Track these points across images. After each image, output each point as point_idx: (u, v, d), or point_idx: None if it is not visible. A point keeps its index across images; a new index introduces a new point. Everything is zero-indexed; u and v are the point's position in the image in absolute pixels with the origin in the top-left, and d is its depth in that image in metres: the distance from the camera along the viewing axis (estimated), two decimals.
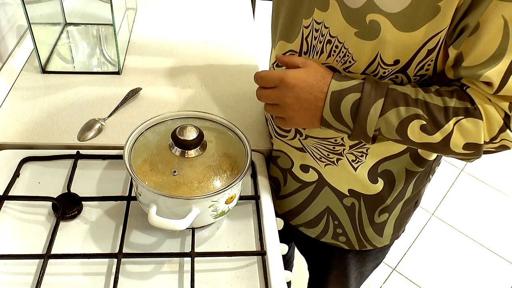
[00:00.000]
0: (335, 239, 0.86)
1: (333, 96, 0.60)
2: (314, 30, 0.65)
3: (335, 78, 0.61)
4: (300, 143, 0.77)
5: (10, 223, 0.70)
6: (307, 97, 0.62)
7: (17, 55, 1.01)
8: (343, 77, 0.62)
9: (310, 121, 0.65)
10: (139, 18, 1.24)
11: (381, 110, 0.60)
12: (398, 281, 1.79)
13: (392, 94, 0.60)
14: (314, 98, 0.62)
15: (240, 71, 1.07)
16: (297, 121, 0.65)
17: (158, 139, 0.70)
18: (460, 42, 0.57)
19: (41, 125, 0.86)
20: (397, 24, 0.56)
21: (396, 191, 0.77)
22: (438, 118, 0.59)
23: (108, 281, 0.64)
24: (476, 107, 0.59)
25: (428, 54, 0.59)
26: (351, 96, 0.60)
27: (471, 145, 0.60)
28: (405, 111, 0.59)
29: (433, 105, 0.59)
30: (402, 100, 0.59)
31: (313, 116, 0.64)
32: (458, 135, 0.59)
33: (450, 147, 0.60)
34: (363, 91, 0.59)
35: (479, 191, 2.20)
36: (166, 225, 0.62)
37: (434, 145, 0.61)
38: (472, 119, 0.58)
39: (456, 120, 0.59)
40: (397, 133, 0.61)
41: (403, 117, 0.59)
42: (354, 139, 0.65)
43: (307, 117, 0.64)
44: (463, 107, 0.59)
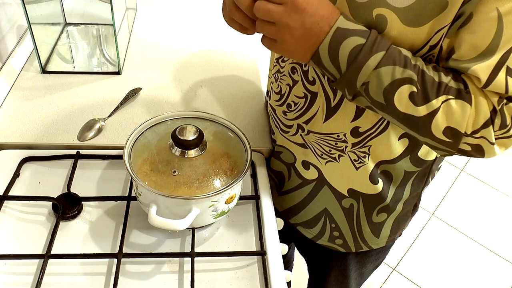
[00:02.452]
0: (332, 242, 0.86)
1: (337, 32, 0.56)
2: None
3: (343, 16, 0.56)
4: (302, 138, 0.77)
5: (10, 223, 0.70)
6: (312, 26, 0.56)
7: (17, 55, 1.01)
8: (350, 19, 0.57)
9: (303, 52, 0.59)
10: (139, 18, 1.24)
11: (378, 63, 0.56)
12: (398, 281, 1.79)
13: (394, 51, 0.57)
14: (319, 29, 0.56)
15: (240, 71, 1.07)
16: (289, 47, 0.59)
17: (158, 139, 0.70)
18: (452, 30, 0.56)
19: (41, 125, 0.86)
20: (404, 19, 0.56)
21: (394, 190, 0.77)
22: (429, 90, 0.57)
23: (108, 281, 0.64)
24: (468, 91, 0.57)
25: (430, 50, 0.59)
26: (354, 39, 0.56)
27: (451, 131, 0.58)
28: (401, 72, 0.56)
29: (428, 76, 0.57)
30: (401, 61, 0.56)
31: (309, 48, 0.58)
32: (442, 115, 0.57)
33: (431, 127, 0.58)
34: (368, 38, 0.56)
35: (479, 191, 2.20)
36: (166, 225, 0.62)
37: (415, 119, 0.58)
38: (461, 102, 0.56)
39: (445, 98, 0.57)
40: (384, 94, 0.58)
41: (397, 77, 0.56)
42: (337, 86, 0.60)
43: (302, 48, 0.58)
44: (456, 88, 0.57)
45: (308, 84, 0.70)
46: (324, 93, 0.69)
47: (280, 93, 0.76)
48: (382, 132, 0.69)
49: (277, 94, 0.77)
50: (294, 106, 0.74)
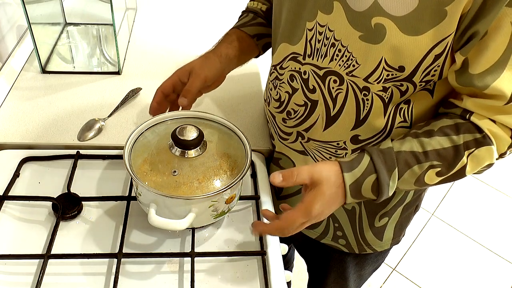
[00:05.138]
0: (335, 241, 0.86)
1: (352, 188, 0.60)
2: (318, 33, 0.64)
3: (345, 171, 0.60)
4: (302, 146, 0.76)
5: (10, 223, 0.70)
6: (331, 207, 0.62)
7: (17, 55, 1.01)
8: (349, 163, 0.61)
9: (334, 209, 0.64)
10: (139, 18, 1.24)
11: (398, 178, 0.61)
12: (398, 281, 1.79)
13: (402, 158, 0.61)
14: (336, 198, 0.61)
15: (240, 71, 1.06)
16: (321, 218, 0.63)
17: (158, 139, 0.70)
18: (468, 48, 0.56)
19: (41, 125, 0.86)
20: (403, 27, 0.56)
21: (397, 196, 0.77)
22: (451, 160, 0.60)
23: (108, 281, 0.64)
24: (484, 135, 0.60)
25: (435, 60, 0.58)
26: (368, 180, 0.60)
27: (484, 167, 0.62)
28: (419, 168, 0.61)
29: (443, 150, 0.60)
30: (413, 160, 0.61)
31: (337, 206, 0.63)
32: (472, 165, 0.61)
33: (464, 175, 0.63)
34: (376, 170, 0.60)
35: (479, 191, 2.20)
36: (166, 225, 0.62)
37: (447, 179, 0.63)
38: (484, 148, 0.60)
39: (468, 153, 0.60)
40: (415, 184, 0.63)
41: (418, 174, 0.61)
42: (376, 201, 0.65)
43: (331, 210, 0.63)
44: (472, 139, 0.60)
45: (308, 92, 0.70)
46: (324, 101, 0.69)
47: (280, 100, 0.76)
48: (383, 141, 0.69)
49: (277, 101, 0.77)
50: (294, 113, 0.74)
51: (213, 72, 0.75)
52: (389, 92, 0.63)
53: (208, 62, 0.76)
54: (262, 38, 0.82)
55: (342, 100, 0.67)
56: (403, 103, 0.65)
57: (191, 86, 0.73)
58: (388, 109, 0.65)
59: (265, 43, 0.83)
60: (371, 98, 0.64)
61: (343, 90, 0.66)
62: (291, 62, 0.70)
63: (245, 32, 0.81)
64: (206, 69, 0.75)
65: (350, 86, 0.65)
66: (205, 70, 0.74)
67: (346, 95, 0.66)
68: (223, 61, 0.77)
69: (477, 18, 0.53)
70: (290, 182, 0.59)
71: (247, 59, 0.84)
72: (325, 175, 0.59)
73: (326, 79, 0.67)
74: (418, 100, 0.65)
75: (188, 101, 0.73)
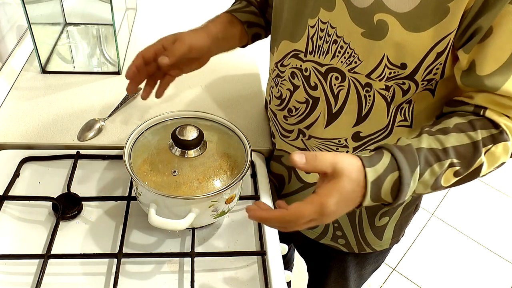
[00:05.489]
0: (334, 241, 0.86)
1: (373, 186, 0.53)
2: (320, 29, 0.64)
3: (366, 165, 0.53)
4: (303, 143, 0.76)
5: (10, 223, 0.70)
6: (347, 206, 0.54)
7: (17, 55, 1.01)
8: (369, 158, 0.54)
9: (346, 211, 0.57)
10: (139, 18, 1.24)
11: (419, 178, 0.55)
12: (398, 281, 1.79)
13: (423, 155, 0.55)
14: (354, 198, 0.54)
15: (240, 71, 1.07)
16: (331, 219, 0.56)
17: (158, 139, 0.70)
18: (471, 45, 0.56)
19: (41, 125, 0.86)
20: (406, 24, 0.56)
21: None
22: (470, 158, 0.57)
23: (108, 281, 0.64)
24: (502, 130, 0.57)
25: (437, 57, 0.58)
26: (389, 178, 0.54)
27: (497, 166, 0.60)
28: (439, 167, 0.56)
29: (462, 147, 0.56)
30: (433, 157, 0.55)
31: (351, 207, 0.55)
32: (488, 163, 0.58)
33: (479, 175, 0.59)
34: (399, 168, 0.53)
35: (479, 191, 2.20)
36: (166, 225, 0.62)
37: (463, 179, 0.59)
38: (501, 144, 0.57)
39: (485, 150, 0.57)
40: (431, 188, 0.58)
41: (438, 173, 0.56)
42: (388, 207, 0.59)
43: (344, 211, 0.55)
44: (489, 135, 0.57)
45: (310, 89, 0.70)
46: (326, 98, 0.69)
47: (281, 98, 0.76)
48: (385, 139, 0.69)
49: (278, 98, 0.77)
50: (295, 111, 0.74)
51: (200, 42, 0.73)
52: (391, 91, 0.63)
53: (196, 33, 0.74)
54: (253, 26, 0.81)
55: (344, 97, 0.67)
56: (404, 102, 0.65)
57: (175, 49, 0.70)
58: (390, 107, 0.65)
59: (254, 33, 0.82)
60: (373, 95, 0.64)
61: (345, 87, 0.66)
62: (292, 60, 0.70)
63: (236, 17, 0.80)
64: (193, 38, 0.73)
65: (352, 83, 0.65)
66: (191, 39, 0.72)
67: (348, 92, 0.66)
68: (211, 38, 0.75)
69: (480, 14, 0.53)
70: (311, 166, 0.51)
71: (234, 45, 0.82)
72: (348, 168, 0.52)
73: (328, 76, 0.67)
74: (419, 100, 0.65)
75: (170, 60, 0.69)
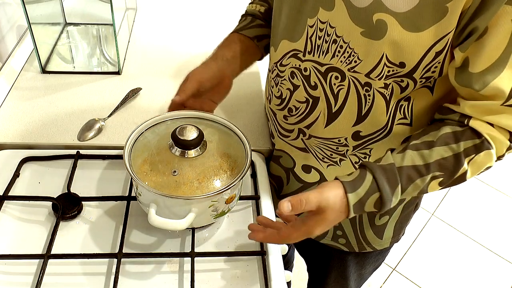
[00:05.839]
0: (335, 241, 0.86)
1: (355, 207, 0.60)
2: (319, 29, 0.64)
3: (348, 191, 0.60)
4: (303, 143, 0.77)
5: (10, 223, 0.70)
6: (334, 223, 0.62)
7: (17, 55, 1.01)
8: (352, 183, 0.60)
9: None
10: (139, 18, 1.24)
11: (401, 193, 0.61)
12: (398, 281, 1.79)
13: (405, 173, 0.60)
14: (338, 220, 0.62)
15: None
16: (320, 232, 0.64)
17: (158, 139, 0.70)
18: (467, 44, 0.56)
19: (41, 125, 0.86)
20: (405, 24, 0.56)
21: None
22: (452, 169, 0.61)
23: (108, 281, 0.64)
24: (483, 139, 0.60)
25: (435, 57, 0.58)
26: (371, 198, 0.60)
27: (483, 170, 0.63)
28: (421, 181, 0.61)
29: (444, 161, 0.60)
30: (415, 174, 0.60)
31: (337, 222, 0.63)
32: (472, 170, 0.61)
33: (466, 180, 0.63)
34: (380, 189, 0.59)
35: (479, 191, 2.20)
36: (166, 225, 0.62)
37: (449, 185, 0.63)
38: (484, 152, 0.60)
39: (468, 160, 0.60)
40: (417, 195, 0.64)
41: (421, 187, 0.61)
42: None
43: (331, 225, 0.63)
44: (472, 145, 0.60)
45: (310, 89, 0.70)
46: (325, 98, 0.69)
47: (281, 97, 0.76)
48: (384, 138, 0.69)
49: (278, 98, 0.77)
50: (295, 110, 0.74)
51: (208, 73, 0.76)
52: (390, 89, 0.63)
53: (205, 65, 0.77)
54: (263, 39, 0.82)
55: (344, 96, 0.67)
56: (403, 100, 0.65)
57: (186, 87, 0.74)
58: (390, 106, 0.65)
59: (266, 44, 0.83)
60: (372, 94, 0.65)
61: (344, 86, 0.66)
62: (291, 59, 0.71)
63: (244, 35, 0.81)
64: (202, 72, 0.76)
65: (352, 82, 0.65)
66: (200, 73, 0.75)
67: (347, 91, 0.66)
68: (220, 62, 0.77)
69: (477, 14, 0.53)
70: (299, 210, 0.59)
71: (249, 61, 0.83)
72: (332, 203, 0.59)
73: (327, 75, 0.67)
74: (418, 98, 0.65)
75: (181, 98, 0.73)
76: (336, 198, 0.59)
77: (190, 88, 0.74)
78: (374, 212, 0.62)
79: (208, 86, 0.76)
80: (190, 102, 0.76)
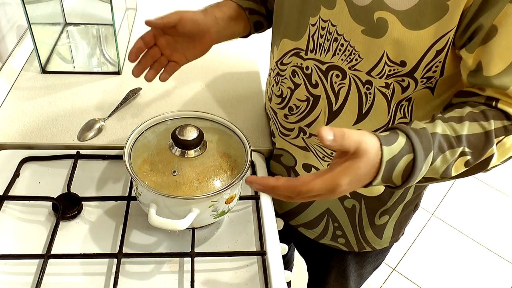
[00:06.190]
0: (334, 240, 0.86)
1: (387, 166, 0.52)
2: (321, 28, 0.65)
3: (384, 143, 0.51)
4: (304, 141, 0.77)
5: (10, 223, 0.70)
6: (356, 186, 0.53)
7: (17, 55, 1.01)
8: (386, 137, 0.53)
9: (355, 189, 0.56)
10: (139, 18, 1.24)
11: (431, 163, 0.54)
12: (398, 281, 1.79)
13: (437, 140, 0.54)
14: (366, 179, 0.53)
15: (240, 71, 1.07)
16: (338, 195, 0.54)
17: (158, 139, 0.70)
18: (474, 44, 0.55)
19: (41, 125, 0.86)
20: (405, 22, 0.56)
21: (397, 193, 0.77)
22: (481, 148, 0.55)
23: (108, 281, 0.64)
24: None
25: (436, 55, 0.58)
26: (404, 160, 0.52)
27: (506, 159, 0.58)
28: (451, 154, 0.54)
29: (474, 137, 0.55)
30: (447, 144, 0.54)
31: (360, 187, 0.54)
32: (499, 154, 0.57)
33: (488, 167, 0.57)
34: (414, 150, 0.52)
35: (479, 191, 2.20)
36: (166, 225, 0.62)
37: (473, 170, 0.57)
38: None
39: (497, 141, 0.56)
40: (440, 175, 0.56)
41: (450, 161, 0.55)
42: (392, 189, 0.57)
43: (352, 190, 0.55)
44: (501, 126, 0.56)
45: (311, 87, 0.70)
46: (326, 96, 0.69)
47: (282, 96, 0.76)
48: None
49: (278, 97, 0.77)
50: (296, 109, 0.74)
51: (193, 16, 0.72)
52: (391, 88, 0.63)
53: (192, 11, 0.73)
54: (254, 14, 0.81)
55: (345, 94, 0.67)
56: (404, 100, 0.65)
57: (165, 16, 0.70)
58: (391, 105, 0.65)
59: (256, 21, 0.81)
60: (373, 93, 0.65)
61: (345, 84, 0.66)
62: (293, 58, 0.71)
63: (237, 3, 0.79)
64: (187, 11, 0.72)
65: (353, 80, 0.65)
66: (184, 11, 0.72)
67: (348, 90, 0.66)
68: (208, 16, 0.74)
69: (480, 12, 0.53)
70: (338, 144, 0.49)
71: (235, 30, 0.80)
72: (370, 149, 0.50)
73: (328, 73, 0.67)
74: (419, 98, 0.65)
75: (156, 21, 0.70)
76: (373, 147, 0.50)
77: (168, 17, 0.70)
78: (391, 187, 0.55)
79: (188, 27, 0.72)
80: (162, 41, 0.73)
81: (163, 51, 0.74)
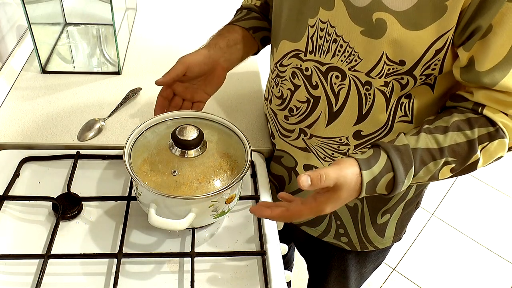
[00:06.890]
0: (337, 239, 0.86)
1: (368, 186, 0.58)
2: (320, 29, 0.65)
3: (363, 168, 0.58)
4: (304, 143, 0.77)
5: (10, 223, 0.70)
6: (345, 202, 0.60)
7: (17, 55, 1.01)
8: (367, 161, 0.59)
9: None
10: (139, 18, 1.24)
11: (413, 176, 0.60)
12: (398, 281, 1.79)
13: (418, 155, 0.59)
14: (349, 199, 0.60)
15: (240, 71, 1.06)
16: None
17: (158, 139, 0.70)
18: (471, 44, 0.56)
19: (41, 125, 0.86)
20: (404, 22, 0.56)
21: (399, 192, 0.77)
22: (465, 155, 0.60)
23: (108, 281, 0.64)
24: (498, 128, 0.59)
25: (435, 54, 0.59)
26: (384, 178, 0.59)
27: (495, 159, 0.62)
28: (434, 165, 0.60)
29: (457, 146, 0.59)
30: (428, 157, 0.59)
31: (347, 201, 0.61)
32: (484, 158, 0.61)
33: (476, 169, 0.62)
34: (394, 169, 0.58)
35: (479, 191, 2.20)
36: (166, 225, 0.62)
37: (460, 173, 0.62)
38: (498, 141, 0.59)
39: (482, 147, 0.60)
40: (428, 180, 0.63)
41: (433, 171, 0.60)
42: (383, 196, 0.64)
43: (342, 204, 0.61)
44: (486, 133, 0.60)
45: (311, 88, 0.70)
46: (326, 97, 0.69)
47: (282, 97, 0.76)
48: (385, 136, 0.69)
49: (279, 98, 0.77)
50: (296, 110, 0.74)
51: (198, 58, 0.74)
52: (390, 86, 0.64)
53: (195, 51, 0.75)
54: (259, 31, 0.81)
55: (345, 95, 0.67)
56: (404, 97, 0.65)
57: (172, 69, 0.73)
58: (390, 104, 0.66)
59: (263, 36, 0.82)
60: (373, 93, 0.65)
61: (345, 85, 0.66)
62: (293, 59, 0.71)
63: (239, 26, 0.80)
64: (191, 56, 0.74)
65: (353, 81, 0.65)
66: (189, 57, 0.74)
67: (348, 91, 0.66)
68: (212, 50, 0.76)
69: (479, 12, 0.53)
70: (317, 185, 0.56)
71: (244, 52, 0.81)
72: (348, 180, 0.57)
73: (328, 75, 0.67)
74: (419, 95, 0.65)
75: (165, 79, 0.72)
76: (353, 176, 0.57)
77: (175, 70, 0.73)
78: (383, 195, 0.61)
79: (196, 71, 0.74)
80: (180, 88, 0.75)
81: (184, 97, 0.77)
